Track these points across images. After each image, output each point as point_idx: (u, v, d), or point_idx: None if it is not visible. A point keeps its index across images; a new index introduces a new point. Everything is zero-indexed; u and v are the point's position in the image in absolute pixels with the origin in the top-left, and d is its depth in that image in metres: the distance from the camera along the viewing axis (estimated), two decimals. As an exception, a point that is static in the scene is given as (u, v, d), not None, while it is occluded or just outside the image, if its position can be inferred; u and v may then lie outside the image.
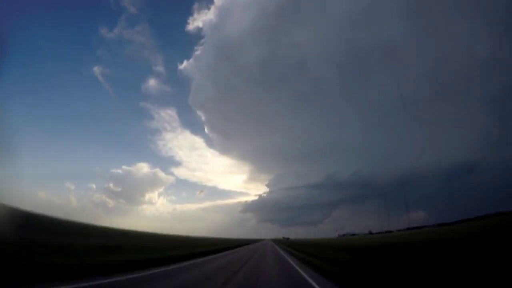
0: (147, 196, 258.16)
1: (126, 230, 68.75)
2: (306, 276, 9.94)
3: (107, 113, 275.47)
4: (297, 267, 13.14)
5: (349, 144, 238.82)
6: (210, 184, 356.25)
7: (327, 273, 10.57)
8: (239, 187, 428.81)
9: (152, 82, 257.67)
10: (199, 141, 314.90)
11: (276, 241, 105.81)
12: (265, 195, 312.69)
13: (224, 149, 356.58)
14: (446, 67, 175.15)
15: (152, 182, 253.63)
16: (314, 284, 8.29)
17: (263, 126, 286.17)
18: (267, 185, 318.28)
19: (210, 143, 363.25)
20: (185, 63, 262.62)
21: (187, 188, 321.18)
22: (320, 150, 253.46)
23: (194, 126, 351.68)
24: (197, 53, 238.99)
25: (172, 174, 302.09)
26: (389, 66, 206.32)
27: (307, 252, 25.35)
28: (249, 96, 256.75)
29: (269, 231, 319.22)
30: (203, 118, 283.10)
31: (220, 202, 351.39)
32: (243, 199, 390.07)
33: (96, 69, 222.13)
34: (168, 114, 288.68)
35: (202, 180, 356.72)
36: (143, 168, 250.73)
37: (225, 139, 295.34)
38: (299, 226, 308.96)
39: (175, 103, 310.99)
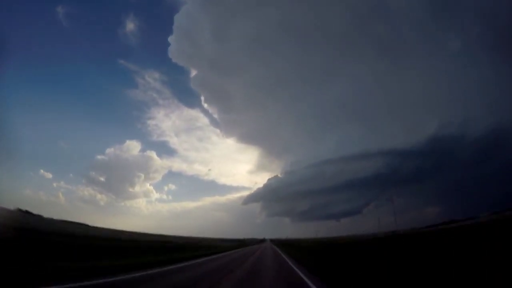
0: (137, 188, 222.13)
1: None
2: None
3: (79, 77, 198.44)
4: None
5: (423, 99, 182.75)
6: (209, 178, 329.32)
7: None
8: (244, 181, 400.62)
9: (130, 26, 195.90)
10: (197, 117, 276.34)
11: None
12: (275, 182, 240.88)
13: (226, 128, 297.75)
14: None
15: (143, 169, 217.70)
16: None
17: (290, 81, 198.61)
18: (284, 165, 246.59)
19: (211, 120, 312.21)
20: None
21: (182, 182, 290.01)
22: (382, 107, 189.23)
23: (189, 97, 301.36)
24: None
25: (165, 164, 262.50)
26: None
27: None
28: (272, 21, 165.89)
29: (281, 228, 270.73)
30: (192, 74, 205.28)
31: (220, 198, 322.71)
32: (246, 193, 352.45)
33: (60, 10, 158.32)
34: (156, 80, 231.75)
35: (200, 173, 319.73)
36: (133, 150, 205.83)
37: (226, 112, 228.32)
38: (323, 220, 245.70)
39: (162, 60, 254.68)
